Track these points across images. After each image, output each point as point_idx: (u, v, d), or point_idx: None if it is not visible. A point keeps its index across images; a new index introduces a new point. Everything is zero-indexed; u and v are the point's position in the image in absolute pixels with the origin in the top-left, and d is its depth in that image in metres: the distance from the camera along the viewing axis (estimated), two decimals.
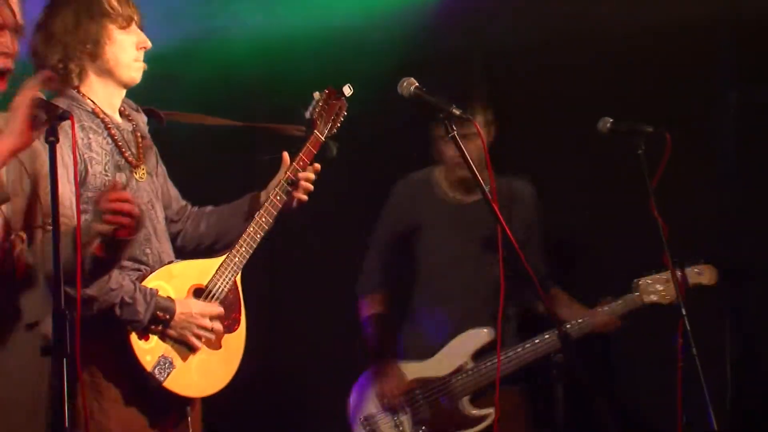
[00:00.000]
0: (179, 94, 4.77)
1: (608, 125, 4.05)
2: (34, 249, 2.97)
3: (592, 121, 4.12)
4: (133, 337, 3.37)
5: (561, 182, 5.09)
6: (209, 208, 3.85)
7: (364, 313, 4.79)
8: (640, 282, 4.44)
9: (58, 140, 2.72)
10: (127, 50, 3.52)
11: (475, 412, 4.55)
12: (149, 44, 3.56)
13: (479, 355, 4.55)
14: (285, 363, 5.56)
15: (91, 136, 3.46)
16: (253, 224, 3.61)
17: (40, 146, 2.96)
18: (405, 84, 3.42)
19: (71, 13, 3.48)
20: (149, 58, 3.60)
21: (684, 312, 3.72)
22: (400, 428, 4.59)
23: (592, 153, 4.88)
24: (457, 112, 3.31)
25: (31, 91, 2.79)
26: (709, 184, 5.03)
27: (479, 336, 4.55)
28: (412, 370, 4.63)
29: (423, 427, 4.55)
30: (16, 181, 2.98)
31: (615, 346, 5.00)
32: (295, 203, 3.75)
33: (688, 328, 3.69)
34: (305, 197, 3.75)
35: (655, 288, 4.43)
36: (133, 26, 3.54)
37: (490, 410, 4.51)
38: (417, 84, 3.39)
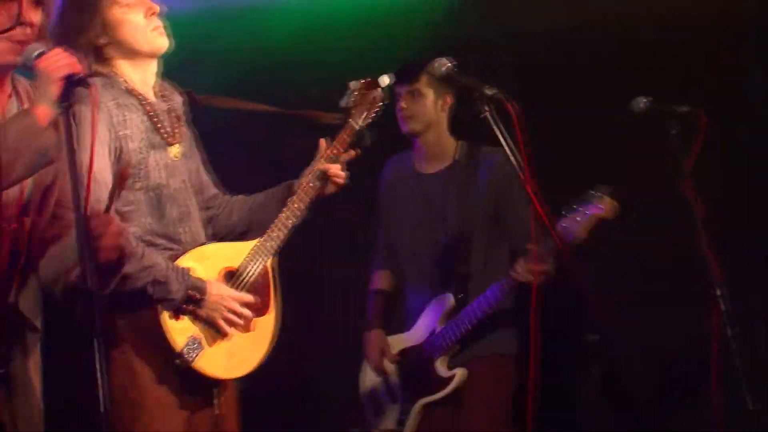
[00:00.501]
0: (212, 77, 4.75)
1: (642, 105, 3.99)
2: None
3: (620, 103, 4.07)
4: (165, 316, 3.36)
5: (590, 165, 5.04)
6: (242, 197, 3.83)
7: (370, 287, 4.89)
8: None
9: (71, 105, 2.73)
10: (139, 24, 3.48)
11: (443, 372, 4.55)
12: (157, 8, 3.52)
13: (448, 318, 4.56)
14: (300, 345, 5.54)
15: (126, 113, 3.46)
16: (286, 210, 3.60)
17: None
18: (437, 64, 3.41)
19: (75, 11, 3.47)
20: (182, 40, 3.59)
21: (719, 293, 3.68)
22: (393, 395, 4.67)
23: (620, 135, 4.84)
24: (489, 91, 3.29)
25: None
26: (740, 166, 4.97)
27: (445, 301, 4.56)
28: (396, 342, 4.70)
29: (410, 393, 4.62)
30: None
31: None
32: (328, 190, 3.72)
33: (724, 308, 3.64)
34: (341, 182, 3.72)
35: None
36: (137, 3, 3.50)
37: (459, 370, 4.52)
38: (449, 63, 3.37)
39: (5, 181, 2.73)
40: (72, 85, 2.75)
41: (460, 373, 4.52)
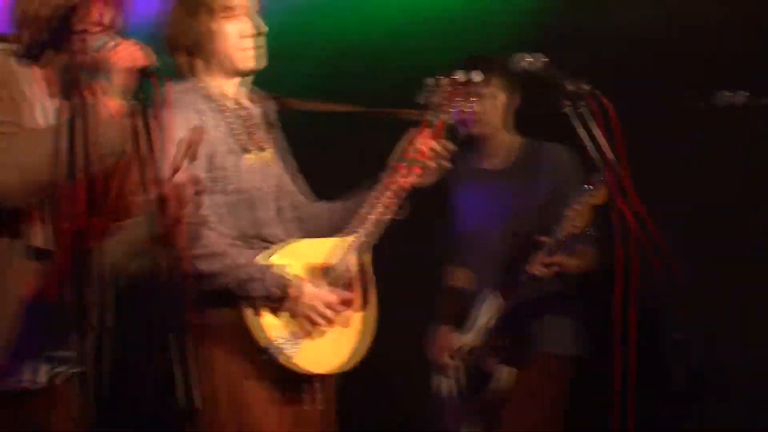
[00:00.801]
0: (293, 78, 4.76)
1: (740, 99, 3.89)
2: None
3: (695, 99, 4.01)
4: (261, 314, 3.37)
5: (669, 164, 4.99)
6: (335, 202, 3.78)
7: (446, 283, 4.84)
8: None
9: (144, 98, 2.71)
10: (231, 41, 3.49)
11: (492, 371, 4.51)
12: (263, 28, 3.54)
13: (500, 316, 4.52)
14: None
15: (217, 117, 3.49)
16: (382, 203, 3.57)
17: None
18: (518, 59, 3.39)
19: (176, 12, 3.51)
20: (267, 42, 3.59)
21: None
22: (458, 394, 4.64)
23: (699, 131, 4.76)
24: (571, 87, 3.27)
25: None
26: None
27: (497, 298, 4.51)
28: (460, 340, 4.63)
29: (471, 393, 4.58)
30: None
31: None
32: (420, 181, 3.66)
33: None
34: (432, 172, 3.66)
35: None
36: (240, 15, 3.52)
37: (503, 368, 4.47)
38: (531, 59, 3.35)
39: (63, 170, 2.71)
40: (144, 77, 2.75)
41: (503, 372, 4.47)
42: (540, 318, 4.50)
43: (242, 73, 3.57)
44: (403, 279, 5.27)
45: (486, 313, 4.52)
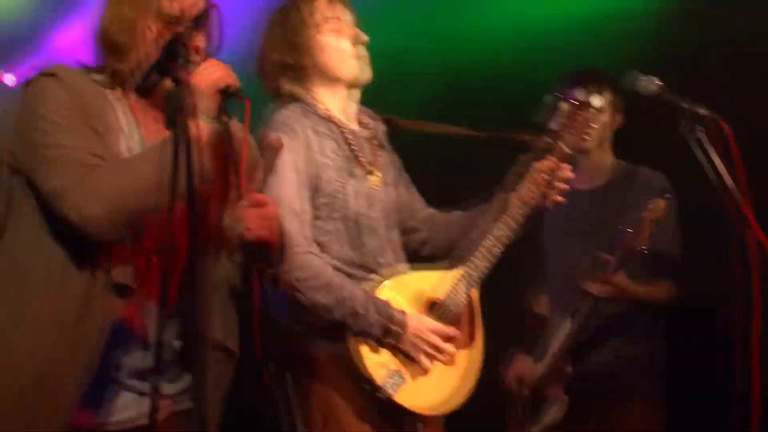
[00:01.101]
0: (406, 98, 4.70)
1: None
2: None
3: None
4: (364, 348, 3.29)
5: None
6: (458, 212, 3.70)
7: (527, 307, 4.66)
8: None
9: (226, 120, 2.63)
10: (338, 51, 3.47)
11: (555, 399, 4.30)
12: (363, 37, 3.49)
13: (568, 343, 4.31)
14: None
15: (325, 141, 3.42)
16: (491, 237, 3.45)
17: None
18: (644, 81, 3.26)
19: (278, 31, 3.48)
20: (377, 62, 3.53)
21: None
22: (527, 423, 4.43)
23: None
24: (688, 111, 3.15)
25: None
26: None
27: (567, 326, 4.30)
28: (534, 368, 4.42)
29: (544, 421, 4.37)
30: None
31: None
32: (540, 207, 3.53)
33: None
34: (550, 200, 3.53)
35: None
36: (343, 26, 3.49)
37: (556, 402, 4.26)
38: (645, 79, 3.22)
39: (161, 198, 2.60)
40: (228, 97, 2.67)
41: (555, 406, 4.28)
42: (612, 351, 4.27)
43: (350, 84, 3.51)
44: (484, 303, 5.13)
45: (557, 339, 4.33)
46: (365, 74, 3.50)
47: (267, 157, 2.99)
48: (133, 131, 2.83)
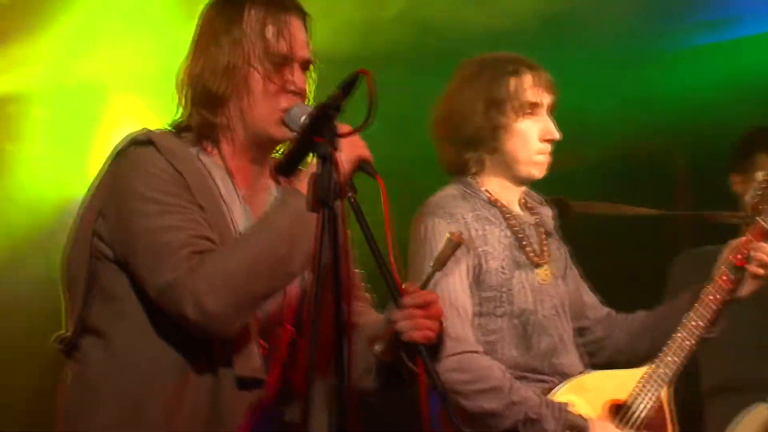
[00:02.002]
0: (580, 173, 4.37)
1: None
2: None
3: None
4: None
5: None
6: (641, 313, 3.39)
7: None
8: None
9: (355, 199, 2.29)
10: (529, 143, 3.16)
11: None
12: (557, 135, 3.17)
13: None
14: None
15: (487, 227, 3.15)
16: (681, 330, 3.17)
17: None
18: None
19: (474, 94, 3.17)
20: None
21: None
22: None
23: None
24: None
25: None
26: None
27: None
28: None
29: None
30: None
31: None
32: (744, 291, 3.21)
33: None
34: (761, 274, 3.19)
35: None
36: (541, 112, 3.17)
37: None
38: None
39: (284, 276, 2.40)
40: (362, 170, 2.39)
41: None
42: None
43: (525, 181, 3.23)
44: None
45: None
46: (541, 174, 3.20)
47: (444, 251, 2.63)
48: (234, 199, 2.55)
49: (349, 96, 2.30)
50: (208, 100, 2.53)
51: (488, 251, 3.12)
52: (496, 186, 3.20)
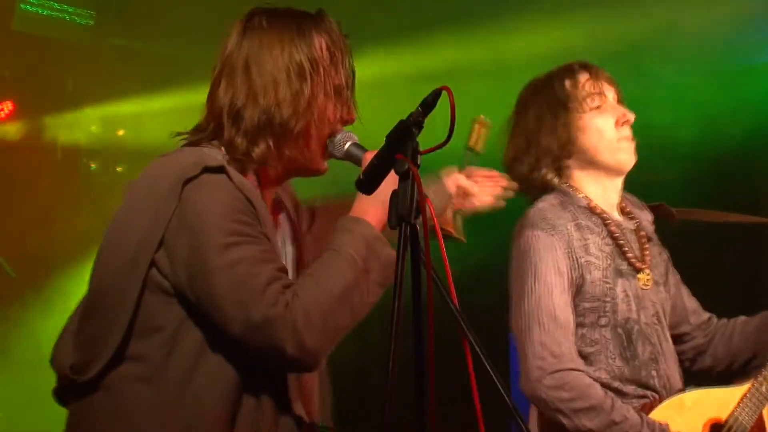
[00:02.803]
0: (669, 177, 4.30)
1: None
2: None
3: None
4: None
5: None
6: (742, 318, 3.29)
7: None
8: None
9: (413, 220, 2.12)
10: (605, 133, 3.11)
11: None
12: (632, 117, 3.13)
13: None
14: None
15: (588, 236, 3.07)
16: None
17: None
18: None
19: (536, 112, 3.15)
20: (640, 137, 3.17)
21: None
22: None
23: None
24: None
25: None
26: None
27: None
28: None
29: None
30: None
31: None
32: None
33: None
34: None
35: None
36: (608, 103, 3.13)
37: None
38: None
39: (366, 307, 2.32)
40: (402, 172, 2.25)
41: None
42: None
43: (619, 171, 3.15)
44: None
45: None
46: (630, 160, 3.13)
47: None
48: (273, 227, 2.43)
49: (429, 113, 2.19)
50: (282, 133, 2.39)
51: (591, 261, 3.05)
52: (592, 187, 3.14)
